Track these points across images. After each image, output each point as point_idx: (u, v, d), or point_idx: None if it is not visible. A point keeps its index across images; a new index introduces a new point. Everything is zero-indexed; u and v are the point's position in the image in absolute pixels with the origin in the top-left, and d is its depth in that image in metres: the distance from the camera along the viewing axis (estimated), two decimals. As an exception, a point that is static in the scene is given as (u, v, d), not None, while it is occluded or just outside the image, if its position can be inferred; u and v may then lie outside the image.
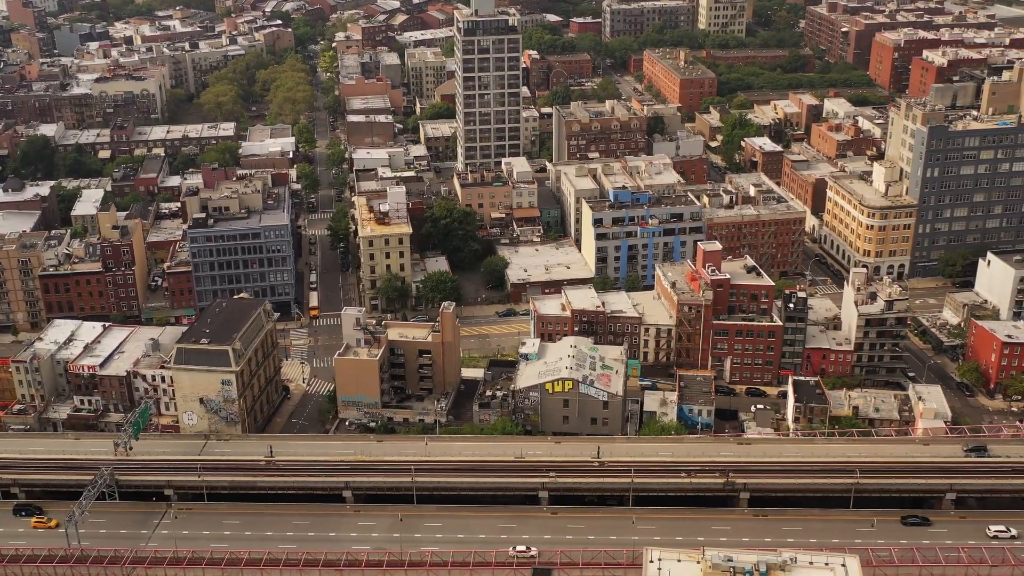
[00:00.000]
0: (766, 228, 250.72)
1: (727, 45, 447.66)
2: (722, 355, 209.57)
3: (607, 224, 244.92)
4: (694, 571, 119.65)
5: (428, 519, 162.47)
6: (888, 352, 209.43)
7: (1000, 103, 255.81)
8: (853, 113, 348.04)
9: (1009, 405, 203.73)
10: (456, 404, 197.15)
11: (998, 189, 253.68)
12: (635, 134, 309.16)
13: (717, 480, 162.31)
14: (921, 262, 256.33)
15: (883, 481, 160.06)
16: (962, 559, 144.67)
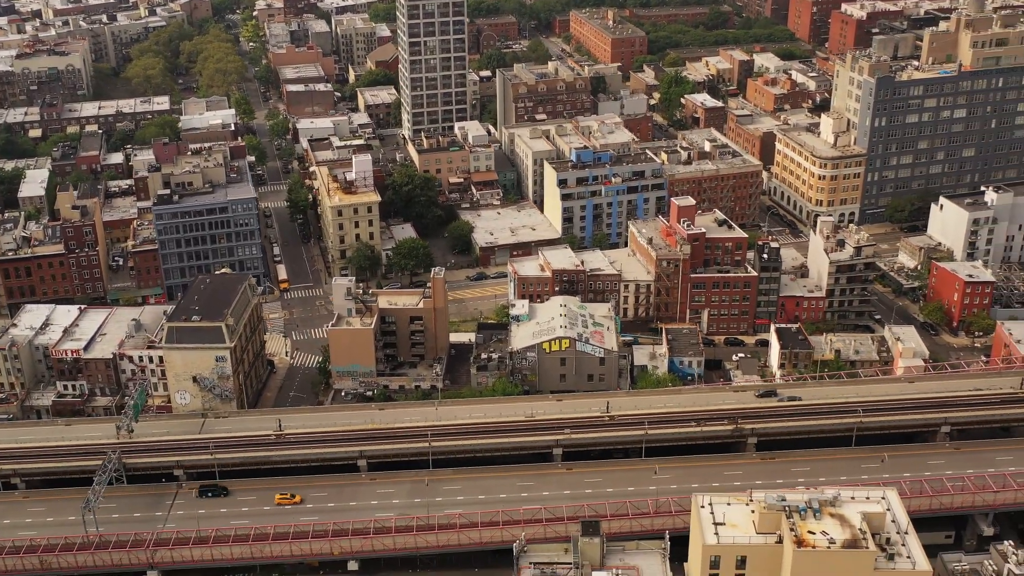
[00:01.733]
0: (725, 182, 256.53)
1: (649, 4, 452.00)
2: (700, 308, 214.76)
3: (571, 184, 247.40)
4: (745, 512, 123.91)
5: (446, 483, 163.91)
6: (857, 297, 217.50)
7: (939, 53, 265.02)
8: (782, 67, 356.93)
9: (972, 342, 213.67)
10: (449, 369, 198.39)
11: (940, 136, 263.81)
12: (580, 94, 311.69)
13: (726, 427, 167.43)
14: (870, 209, 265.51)
15: (884, 419, 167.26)
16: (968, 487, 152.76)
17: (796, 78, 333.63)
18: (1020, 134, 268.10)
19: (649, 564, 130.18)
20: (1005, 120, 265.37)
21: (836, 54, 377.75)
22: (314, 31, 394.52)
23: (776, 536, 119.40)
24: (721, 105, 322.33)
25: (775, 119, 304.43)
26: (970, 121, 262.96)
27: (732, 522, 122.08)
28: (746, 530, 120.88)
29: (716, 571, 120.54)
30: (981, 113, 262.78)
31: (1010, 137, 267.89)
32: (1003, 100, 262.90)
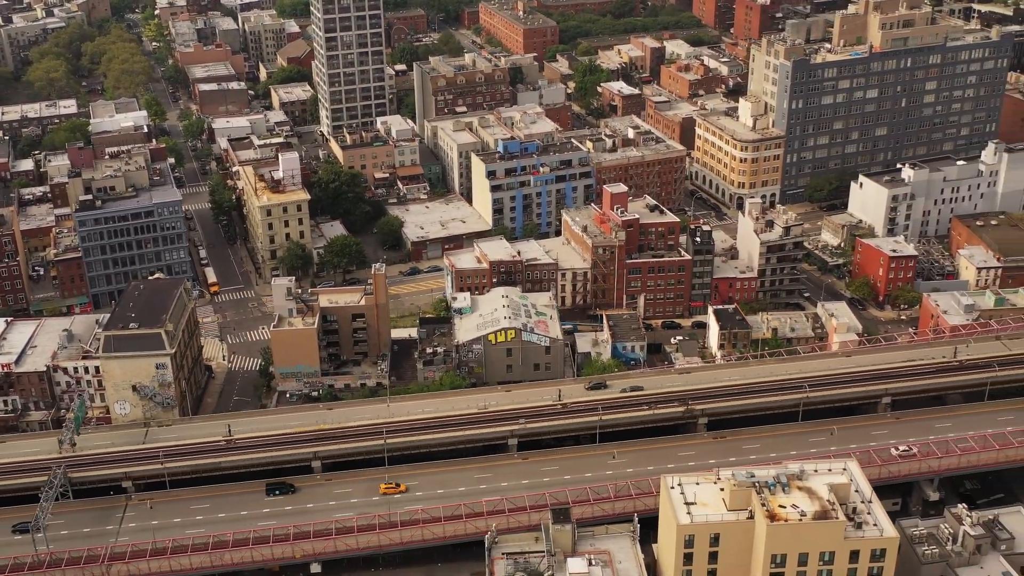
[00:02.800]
0: (651, 168, 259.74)
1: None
2: (636, 293, 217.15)
3: (500, 176, 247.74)
4: (714, 491, 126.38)
5: (404, 479, 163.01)
6: (788, 276, 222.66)
7: (850, 35, 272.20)
8: (693, 53, 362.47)
9: (899, 314, 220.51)
10: (394, 365, 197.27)
11: (854, 116, 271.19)
12: (499, 86, 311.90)
13: (677, 409, 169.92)
14: (790, 190, 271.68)
15: (828, 393, 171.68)
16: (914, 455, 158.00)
17: (709, 64, 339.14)
18: (928, 112, 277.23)
19: (620, 547, 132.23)
20: (914, 99, 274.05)
21: (744, 39, 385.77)
22: (221, 28, 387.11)
23: (747, 512, 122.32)
24: (638, 92, 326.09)
25: (692, 105, 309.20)
26: (881, 101, 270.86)
27: (703, 501, 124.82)
28: (717, 508, 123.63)
29: (690, 550, 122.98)
30: (892, 93, 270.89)
31: (919, 115, 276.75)
32: (912, 80, 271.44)
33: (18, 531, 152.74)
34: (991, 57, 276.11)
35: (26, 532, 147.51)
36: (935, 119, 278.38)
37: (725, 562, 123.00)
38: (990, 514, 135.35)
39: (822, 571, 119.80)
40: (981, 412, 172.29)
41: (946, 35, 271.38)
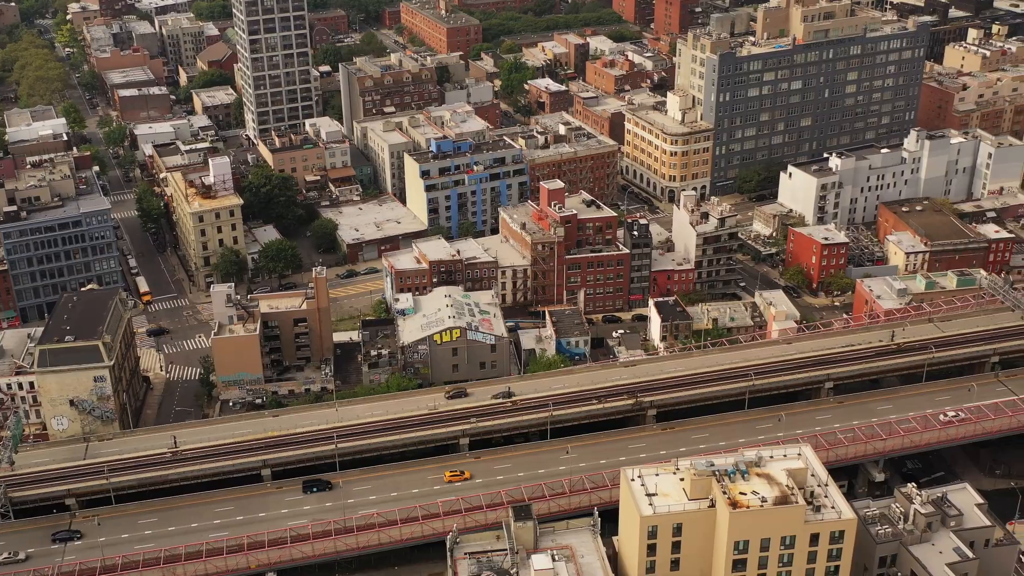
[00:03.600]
0: (584, 164, 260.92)
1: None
2: (576, 288, 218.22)
3: (434, 175, 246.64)
4: (674, 481, 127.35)
5: (356, 483, 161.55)
6: (724, 267, 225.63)
7: (773, 28, 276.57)
8: (616, 49, 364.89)
9: (832, 301, 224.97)
10: (338, 369, 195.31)
11: (780, 108, 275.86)
12: (427, 85, 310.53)
13: (627, 402, 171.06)
14: (720, 182, 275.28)
15: (773, 380, 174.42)
16: (859, 437, 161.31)
17: (633, 59, 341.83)
18: (850, 102, 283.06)
19: (581, 542, 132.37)
20: (836, 89, 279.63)
21: (666, 35, 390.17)
22: (138, 32, 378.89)
23: (708, 501, 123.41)
24: (565, 89, 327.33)
25: (620, 100, 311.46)
26: (805, 92, 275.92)
27: (664, 492, 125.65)
28: (679, 498, 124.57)
29: (654, 541, 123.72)
30: (815, 84, 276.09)
31: (842, 105, 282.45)
32: (834, 71, 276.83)
33: (59, 540, 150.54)
34: (909, 47, 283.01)
35: (69, 540, 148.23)
36: (857, 109, 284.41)
37: (688, 551, 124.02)
38: (938, 492, 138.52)
39: (783, 555, 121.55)
40: (920, 393, 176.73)
41: (865, 26, 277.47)
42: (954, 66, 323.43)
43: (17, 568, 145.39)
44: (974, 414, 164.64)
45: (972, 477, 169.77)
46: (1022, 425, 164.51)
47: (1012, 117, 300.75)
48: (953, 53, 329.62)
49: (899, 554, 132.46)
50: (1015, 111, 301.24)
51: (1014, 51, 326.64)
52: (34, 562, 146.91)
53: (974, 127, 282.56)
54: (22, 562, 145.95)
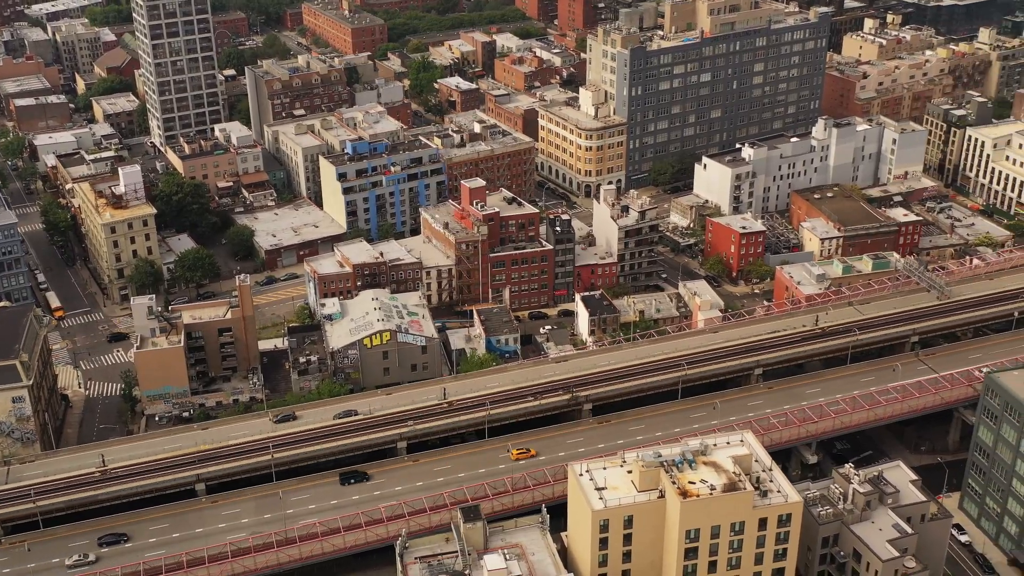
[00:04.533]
0: (501, 161, 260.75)
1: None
2: (501, 286, 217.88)
3: (352, 177, 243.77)
4: (621, 474, 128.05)
5: (294, 494, 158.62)
6: (646, 259, 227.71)
7: (680, 22, 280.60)
8: (523, 46, 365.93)
9: (752, 288, 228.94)
10: (266, 378, 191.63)
11: (691, 100, 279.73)
12: (336, 86, 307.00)
13: (563, 397, 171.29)
14: (635, 175, 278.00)
15: (705, 369, 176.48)
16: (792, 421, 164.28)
17: (542, 55, 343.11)
18: (758, 93, 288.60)
19: (531, 539, 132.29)
20: (744, 81, 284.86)
21: (571, 31, 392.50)
22: (31, 40, 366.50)
23: (658, 492, 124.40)
24: (476, 87, 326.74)
25: (531, 96, 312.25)
26: (715, 84, 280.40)
27: (613, 485, 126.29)
28: (628, 490, 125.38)
29: (605, 534, 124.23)
30: (723, 76, 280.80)
31: (750, 96, 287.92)
32: (741, 62, 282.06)
33: (105, 543, 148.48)
34: (811, 37, 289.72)
35: (116, 543, 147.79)
36: (764, 99, 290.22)
37: (639, 542, 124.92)
38: (874, 471, 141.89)
39: (733, 541, 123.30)
40: (845, 375, 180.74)
41: (769, 18, 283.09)
42: (852, 55, 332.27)
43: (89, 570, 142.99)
44: (901, 393, 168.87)
45: (899, 455, 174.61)
46: (946, 402, 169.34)
47: (910, 104, 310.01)
48: (851, 43, 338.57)
49: (841, 533, 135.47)
50: (913, 98, 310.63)
51: (908, 39, 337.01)
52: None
53: (876, 114, 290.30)
54: (92, 564, 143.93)
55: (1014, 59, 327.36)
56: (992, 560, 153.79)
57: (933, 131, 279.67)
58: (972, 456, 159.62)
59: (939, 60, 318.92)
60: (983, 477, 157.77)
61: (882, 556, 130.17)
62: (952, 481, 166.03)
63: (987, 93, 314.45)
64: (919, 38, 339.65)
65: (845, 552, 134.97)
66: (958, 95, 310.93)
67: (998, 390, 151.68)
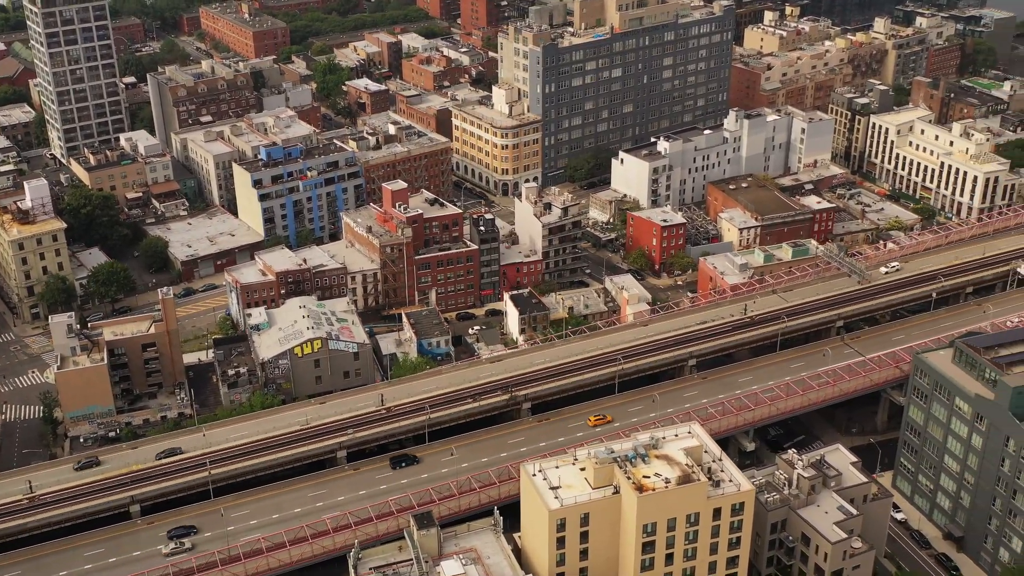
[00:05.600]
0: (418, 162, 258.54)
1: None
2: (427, 288, 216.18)
3: (267, 184, 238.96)
4: (574, 472, 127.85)
5: (234, 509, 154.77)
6: (570, 255, 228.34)
7: (590, 18, 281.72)
8: (429, 46, 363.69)
9: (675, 281, 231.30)
10: (194, 392, 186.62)
11: (603, 96, 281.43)
12: (243, 91, 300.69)
13: (502, 397, 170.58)
14: (551, 172, 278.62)
15: (642, 362, 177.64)
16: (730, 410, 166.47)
17: (449, 55, 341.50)
18: (668, 87, 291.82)
19: (485, 543, 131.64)
20: (654, 75, 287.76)
21: (476, 29, 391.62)
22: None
23: (613, 488, 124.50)
24: (385, 88, 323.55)
25: (442, 96, 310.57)
26: (626, 79, 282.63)
27: (567, 483, 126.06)
28: (582, 488, 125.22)
29: (562, 533, 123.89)
30: (634, 71, 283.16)
31: (660, 90, 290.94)
32: (651, 57, 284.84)
33: (174, 536, 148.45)
34: (717, 31, 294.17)
35: (186, 536, 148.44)
36: (674, 93, 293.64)
37: (596, 539, 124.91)
38: (816, 455, 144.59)
39: (688, 532, 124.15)
40: (776, 362, 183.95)
41: (676, 13, 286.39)
42: (754, 47, 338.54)
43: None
44: (832, 377, 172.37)
45: (830, 437, 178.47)
46: (875, 383, 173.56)
47: (813, 93, 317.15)
48: (752, 35, 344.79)
49: (788, 518, 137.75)
50: (815, 87, 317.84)
51: (807, 30, 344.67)
52: None
53: (781, 105, 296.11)
54: (190, 550, 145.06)
55: (908, 47, 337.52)
56: (928, 535, 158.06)
57: (838, 119, 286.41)
58: (903, 435, 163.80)
59: (838, 50, 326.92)
60: (915, 455, 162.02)
61: (831, 539, 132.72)
62: (884, 460, 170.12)
63: (884, 81, 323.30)
64: (817, 29, 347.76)
65: (794, 537, 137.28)
66: (857, 84, 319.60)
67: (927, 370, 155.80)
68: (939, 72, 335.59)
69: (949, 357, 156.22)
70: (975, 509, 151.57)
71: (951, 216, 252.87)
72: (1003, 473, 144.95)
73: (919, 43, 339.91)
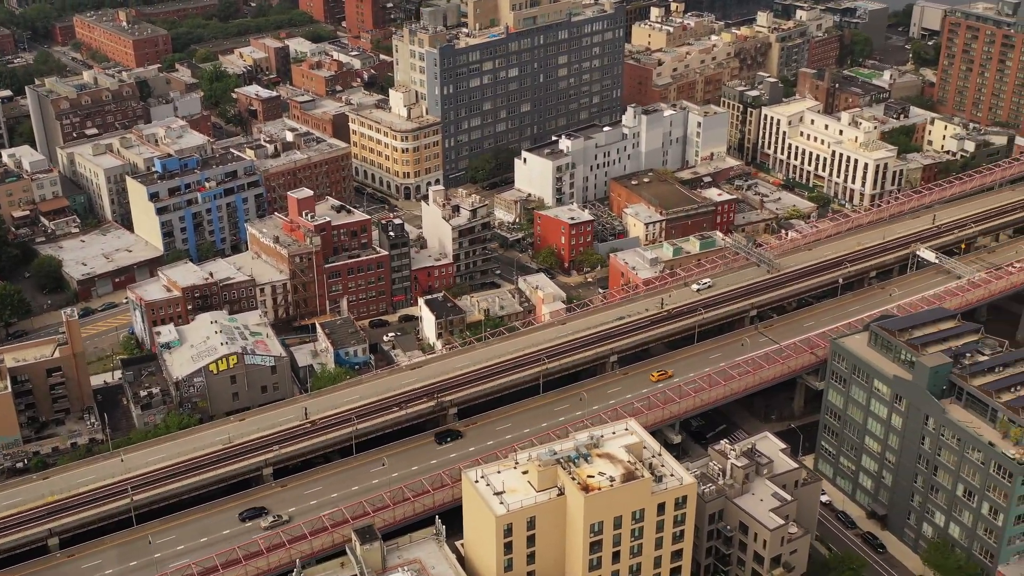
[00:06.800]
0: (318, 169, 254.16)
1: (153, 2, 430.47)
2: (338, 297, 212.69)
3: (164, 196, 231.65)
4: (516, 476, 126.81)
5: (159, 535, 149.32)
6: (480, 257, 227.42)
7: (484, 18, 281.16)
8: (317, 50, 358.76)
9: (585, 278, 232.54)
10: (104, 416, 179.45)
11: (501, 96, 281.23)
12: (129, 102, 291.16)
13: (428, 404, 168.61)
14: (452, 174, 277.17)
15: (565, 361, 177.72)
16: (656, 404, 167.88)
17: (340, 59, 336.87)
18: (563, 85, 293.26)
19: (428, 553, 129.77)
20: (550, 74, 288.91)
21: (365, 32, 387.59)
22: None
23: (557, 489, 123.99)
24: (276, 95, 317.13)
25: (336, 101, 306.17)
26: (523, 79, 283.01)
27: (511, 488, 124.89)
28: (527, 492, 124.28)
29: (510, 538, 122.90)
30: (530, 70, 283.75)
31: (556, 89, 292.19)
32: (546, 56, 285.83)
33: (247, 517, 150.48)
34: (609, 28, 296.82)
35: (256, 517, 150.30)
36: (570, 91, 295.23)
37: (543, 542, 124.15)
38: (747, 444, 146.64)
39: (634, 529, 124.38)
40: (695, 354, 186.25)
41: (569, 11, 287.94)
42: (642, 44, 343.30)
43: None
44: (751, 366, 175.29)
45: (750, 425, 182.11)
46: (793, 370, 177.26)
47: (703, 87, 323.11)
48: (640, 31, 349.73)
49: (725, 508, 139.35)
50: (705, 81, 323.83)
51: (693, 26, 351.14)
52: None
53: (673, 100, 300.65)
54: (287, 523, 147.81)
55: (791, 40, 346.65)
56: (852, 516, 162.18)
57: (731, 112, 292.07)
58: (823, 419, 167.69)
59: (725, 44, 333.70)
60: (836, 438, 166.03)
61: (769, 525, 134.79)
62: (805, 445, 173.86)
63: (769, 73, 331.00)
64: (702, 24, 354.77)
65: (732, 526, 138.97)
66: (744, 76, 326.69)
67: (845, 354, 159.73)
68: (820, 63, 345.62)
69: (865, 341, 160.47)
70: (897, 487, 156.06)
71: (844, 203, 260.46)
72: (924, 451, 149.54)
73: (800, 35, 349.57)
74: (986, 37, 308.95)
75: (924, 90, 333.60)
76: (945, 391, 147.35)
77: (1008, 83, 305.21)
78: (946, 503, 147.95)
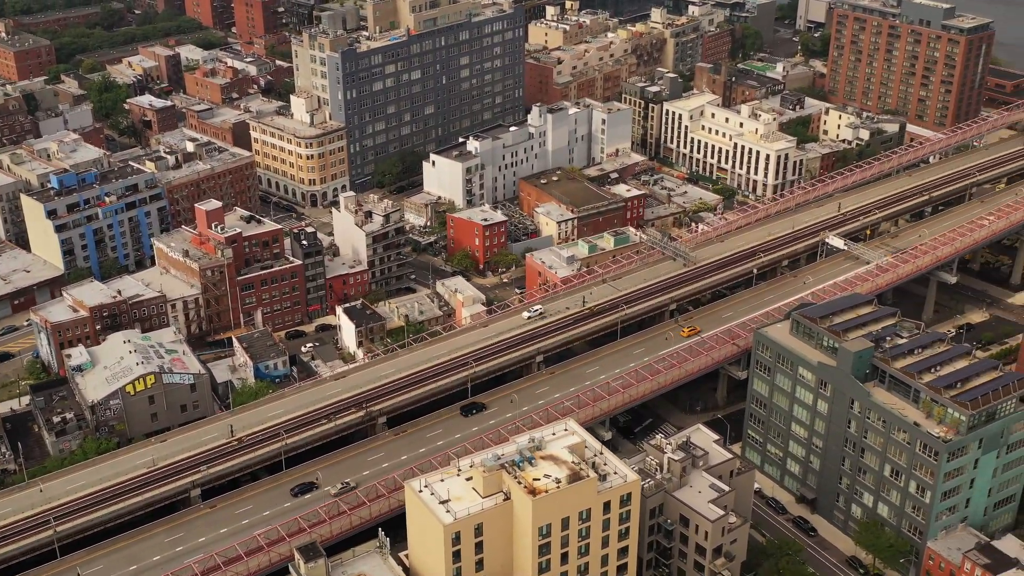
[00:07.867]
0: (222, 179, 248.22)
1: (31, 11, 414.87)
2: (252, 309, 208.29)
3: (63, 213, 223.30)
4: (460, 483, 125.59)
5: (85, 566, 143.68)
6: (395, 262, 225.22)
7: (384, 21, 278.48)
8: (210, 57, 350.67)
9: (501, 279, 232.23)
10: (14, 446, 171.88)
11: (404, 99, 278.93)
12: (16, 116, 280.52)
13: (357, 414, 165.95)
14: (358, 179, 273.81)
15: (491, 364, 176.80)
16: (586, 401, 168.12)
17: (235, 65, 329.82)
18: (466, 86, 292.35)
19: (373, 566, 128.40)
20: (452, 75, 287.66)
21: (257, 37, 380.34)
22: None
23: (503, 494, 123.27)
24: (171, 104, 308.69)
25: (234, 109, 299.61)
26: (425, 81, 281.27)
27: (456, 496, 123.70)
28: (472, 498, 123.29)
29: (458, 547, 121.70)
30: (433, 72, 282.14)
31: (459, 90, 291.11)
32: (448, 57, 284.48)
33: (298, 492, 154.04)
34: (509, 28, 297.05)
35: (308, 492, 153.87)
36: (473, 92, 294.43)
37: (491, 548, 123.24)
38: (682, 437, 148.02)
39: (581, 529, 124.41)
40: (618, 350, 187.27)
41: (469, 12, 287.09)
42: (539, 42, 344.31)
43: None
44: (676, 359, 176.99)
45: (677, 418, 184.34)
46: (716, 361, 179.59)
47: (603, 84, 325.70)
48: (536, 30, 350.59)
49: (665, 502, 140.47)
50: (604, 78, 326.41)
51: (588, 24, 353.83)
52: None
53: (574, 98, 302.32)
54: (353, 489, 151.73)
55: (685, 35, 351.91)
56: (782, 501, 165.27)
57: (634, 108, 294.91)
58: (749, 408, 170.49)
59: (622, 41, 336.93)
60: (762, 426, 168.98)
61: (709, 517, 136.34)
62: (731, 434, 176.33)
63: (666, 68, 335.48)
64: (597, 22, 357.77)
65: (672, 519, 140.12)
66: (642, 72, 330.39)
67: (768, 344, 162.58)
68: (714, 57, 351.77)
69: (787, 329, 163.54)
70: (825, 471, 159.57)
71: (748, 194, 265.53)
72: (850, 434, 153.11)
73: (694, 31, 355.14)
74: (873, 28, 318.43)
75: (815, 81, 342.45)
76: (868, 375, 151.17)
77: (896, 72, 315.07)
78: (874, 484, 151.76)
